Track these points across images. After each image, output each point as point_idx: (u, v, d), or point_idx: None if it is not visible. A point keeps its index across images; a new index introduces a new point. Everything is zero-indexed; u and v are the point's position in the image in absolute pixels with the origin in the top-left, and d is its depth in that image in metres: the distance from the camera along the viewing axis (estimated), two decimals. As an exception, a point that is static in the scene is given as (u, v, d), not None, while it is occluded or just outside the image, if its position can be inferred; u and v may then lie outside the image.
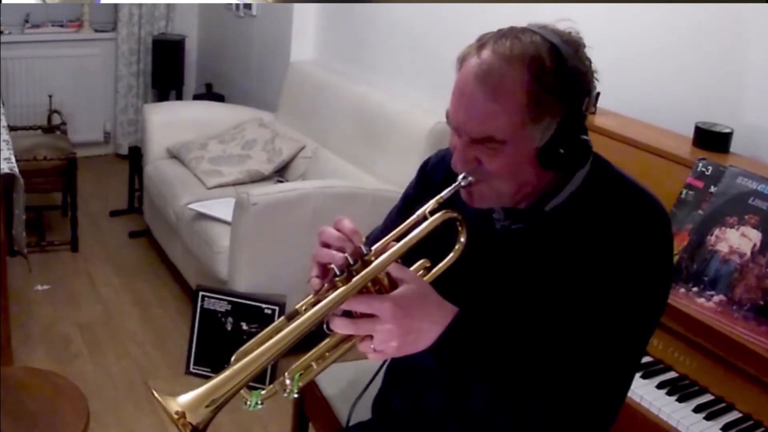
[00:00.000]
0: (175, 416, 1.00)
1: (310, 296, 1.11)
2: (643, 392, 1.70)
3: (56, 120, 4.40)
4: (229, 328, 2.87)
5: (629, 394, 1.67)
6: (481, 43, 1.13)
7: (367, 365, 1.93)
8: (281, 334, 1.06)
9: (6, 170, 2.74)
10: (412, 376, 1.40)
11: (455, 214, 1.16)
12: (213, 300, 2.90)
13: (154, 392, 1.02)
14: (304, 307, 1.10)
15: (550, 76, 1.09)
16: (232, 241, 2.94)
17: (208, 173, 3.59)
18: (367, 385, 1.43)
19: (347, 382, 1.92)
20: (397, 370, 1.46)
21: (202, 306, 2.91)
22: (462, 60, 1.15)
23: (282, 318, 1.12)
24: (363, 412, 1.56)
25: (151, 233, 3.95)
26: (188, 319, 3.01)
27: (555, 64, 1.10)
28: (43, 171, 3.76)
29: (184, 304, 3.43)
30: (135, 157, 4.23)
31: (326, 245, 1.11)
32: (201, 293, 2.91)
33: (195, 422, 1.00)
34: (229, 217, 3.00)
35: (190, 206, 3.30)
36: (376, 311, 1.06)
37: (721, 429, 1.62)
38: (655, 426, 1.66)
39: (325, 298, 1.07)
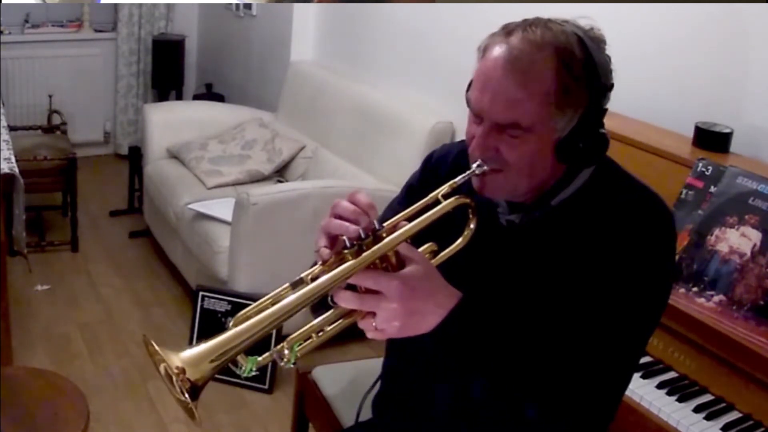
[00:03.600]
0: (176, 371, 0.98)
1: (317, 266, 1.10)
2: (643, 392, 1.70)
3: (56, 120, 4.40)
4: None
5: (629, 393, 1.69)
6: (508, 31, 1.14)
7: (366, 365, 1.94)
8: (287, 300, 1.05)
9: (6, 170, 2.74)
10: (413, 374, 1.40)
11: (468, 200, 1.16)
12: (213, 300, 2.90)
13: (154, 344, 1.01)
14: (309, 277, 1.08)
15: (579, 67, 1.10)
16: (232, 241, 2.94)
17: (208, 173, 3.59)
18: (375, 383, 1.43)
19: (347, 382, 1.92)
20: (398, 368, 1.46)
21: (202, 306, 2.91)
22: (485, 48, 1.15)
23: (286, 285, 1.10)
24: (363, 412, 1.56)
25: (151, 233, 3.95)
26: (188, 319, 3.01)
27: (584, 56, 1.11)
28: (43, 171, 3.76)
29: (184, 304, 3.43)
30: (135, 157, 4.23)
31: (339, 217, 1.10)
32: (201, 293, 2.91)
33: (194, 378, 0.99)
34: (229, 217, 3.00)
35: (190, 206, 3.30)
36: (383, 288, 1.05)
37: (721, 429, 1.62)
38: (655, 426, 1.66)
39: (332, 269, 1.06)
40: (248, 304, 1.11)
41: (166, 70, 4.94)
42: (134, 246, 4.03)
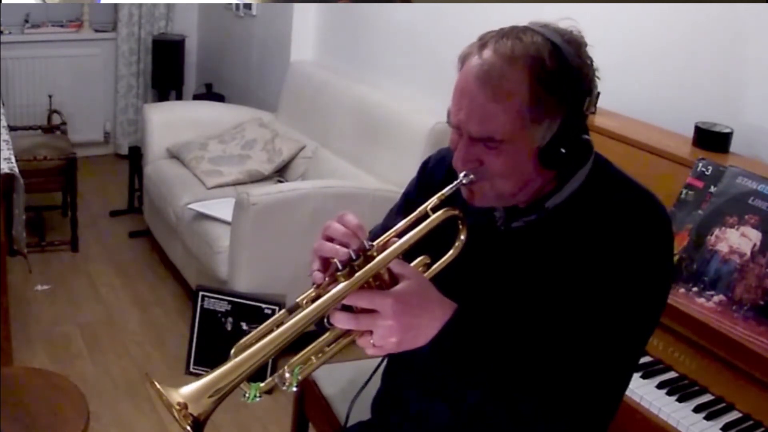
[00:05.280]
0: (177, 407, 0.99)
1: (311, 290, 1.11)
2: (643, 392, 1.70)
3: (56, 120, 4.40)
4: (229, 328, 2.87)
5: (629, 394, 1.69)
6: (482, 42, 1.13)
7: (366, 365, 1.93)
8: (283, 327, 1.06)
9: (6, 170, 2.74)
10: (411, 375, 1.40)
11: (456, 212, 1.17)
12: (213, 300, 2.90)
13: (156, 383, 1.01)
14: (305, 301, 1.10)
15: (552, 77, 1.09)
16: (232, 241, 2.94)
17: (208, 173, 3.59)
18: (365, 384, 1.43)
19: (347, 381, 1.92)
20: (396, 368, 1.47)
21: (202, 306, 2.91)
22: (463, 59, 1.15)
23: (282, 311, 1.12)
24: (363, 412, 1.56)
25: (151, 233, 3.95)
26: (188, 319, 3.01)
27: (556, 65, 1.10)
28: (43, 171, 3.76)
29: (184, 304, 3.43)
30: (135, 157, 4.23)
31: (329, 239, 1.11)
32: (201, 293, 2.91)
33: (196, 413, 0.99)
34: (229, 217, 3.00)
35: (190, 206, 3.30)
36: (377, 307, 1.06)
37: (721, 429, 1.62)
38: (655, 426, 1.66)
39: (326, 292, 1.07)
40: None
41: (166, 70, 4.94)
42: (134, 246, 4.03)
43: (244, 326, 2.85)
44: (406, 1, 3.52)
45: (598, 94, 2.31)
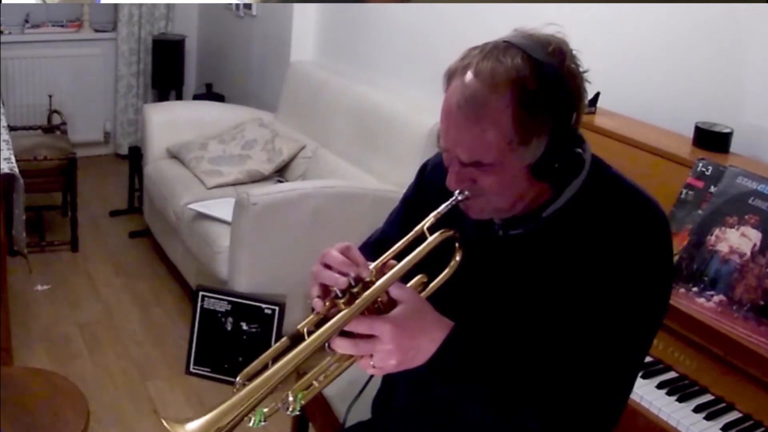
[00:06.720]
0: None
1: (312, 316, 1.13)
2: (643, 392, 1.70)
3: (56, 120, 4.40)
4: (229, 328, 2.87)
5: (629, 394, 1.69)
6: (465, 63, 1.12)
7: (367, 365, 1.93)
8: (287, 358, 1.08)
9: (6, 170, 2.74)
10: (412, 375, 1.40)
11: (452, 232, 1.17)
12: (213, 300, 2.89)
13: (164, 421, 1.03)
14: (305, 329, 1.12)
15: (535, 98, 1.08)
16: (232, 241, 2.95)
17: (208, 173, 3.59)
18: (364, 386, 1.43)
19: (347, 382, 1.91)
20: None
21: (202, 306, 2.90)
22: (449, 77, 1.14)
23: (284, 339, 1.15)
24: (363, 412, 1.56)
25: (151, 233, 3.95)
26: (188, 319, 3.01)
27: (539, 85, 1.08)
28: (43, 171, 3.76)
29: (184, 304, 3.43)
30: (135, 157, 4.23)
31: (328, 267, 1.12)
32: (201, 293, 2.91)
33: None
34: (229, 217, 3.00)
35: (190, 206, 3.30)
36: (376, 332, 1.09)
37: (721, 429, 1.62)
38: (655, 426, 1.66)
39: (327, 318, 1.10)
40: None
41: (166, 70, 4.94)
42: (134, 246, 4.03)
43: (244, 326, 2.85)
44: (406, 1, 3.51)
45: (598, 94, 2.32)
